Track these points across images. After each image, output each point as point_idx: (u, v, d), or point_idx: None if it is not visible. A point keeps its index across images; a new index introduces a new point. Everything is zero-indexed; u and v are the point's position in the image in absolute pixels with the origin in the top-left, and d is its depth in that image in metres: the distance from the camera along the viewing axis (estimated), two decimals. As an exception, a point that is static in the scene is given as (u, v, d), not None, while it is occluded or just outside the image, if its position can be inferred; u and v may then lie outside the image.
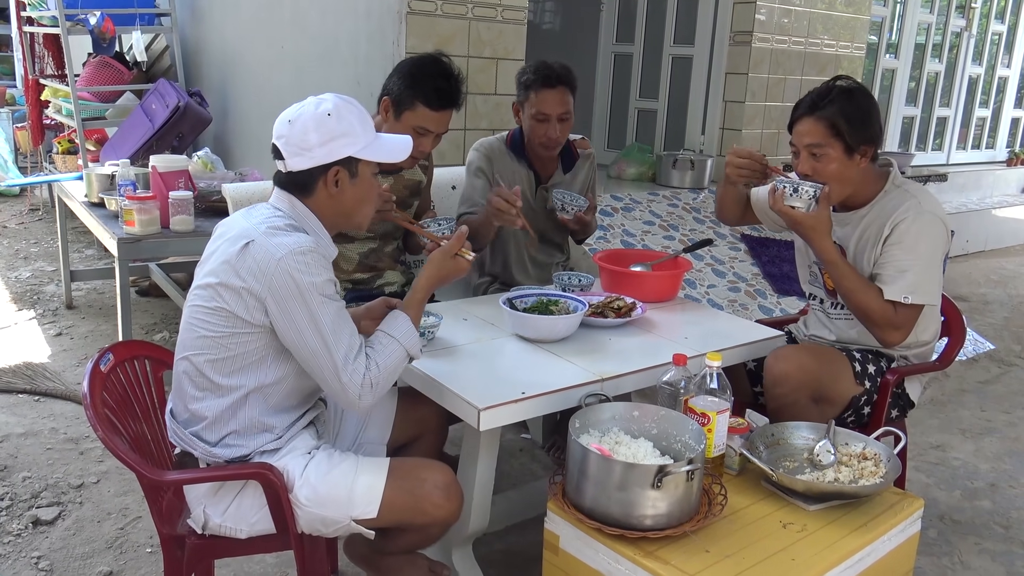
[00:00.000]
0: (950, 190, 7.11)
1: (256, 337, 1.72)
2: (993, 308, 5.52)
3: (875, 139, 2.23)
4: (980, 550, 2.70)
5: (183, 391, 1.80)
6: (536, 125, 2.72)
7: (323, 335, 1.67)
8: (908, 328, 2.27)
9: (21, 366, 3.70)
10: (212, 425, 1.77)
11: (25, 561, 2.41)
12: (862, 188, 2.31)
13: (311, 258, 1.67)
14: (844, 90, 2.21)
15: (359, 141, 1.76)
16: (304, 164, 1.74)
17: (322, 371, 1.70)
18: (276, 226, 1.72)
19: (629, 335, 2.25)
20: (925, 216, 2.23)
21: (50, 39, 6.13)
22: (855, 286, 2.26)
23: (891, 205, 2.28)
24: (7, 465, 2.90)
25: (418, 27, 3.81)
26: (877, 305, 2.23)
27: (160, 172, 3.58)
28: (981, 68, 8.01)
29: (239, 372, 1.74)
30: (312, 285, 1.66)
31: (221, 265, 1.71)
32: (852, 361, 2.34)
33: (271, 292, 1.66)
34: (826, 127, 2.18)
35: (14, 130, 7.46)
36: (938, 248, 2.26)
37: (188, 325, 1.77)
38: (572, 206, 2.75)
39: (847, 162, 2.21)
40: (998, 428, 3.68)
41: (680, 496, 1.61)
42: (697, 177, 5.24)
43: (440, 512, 1.79)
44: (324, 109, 1.73)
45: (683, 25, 5.69)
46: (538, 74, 2.69)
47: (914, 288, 2.21)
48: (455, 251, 1.88)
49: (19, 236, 6.16)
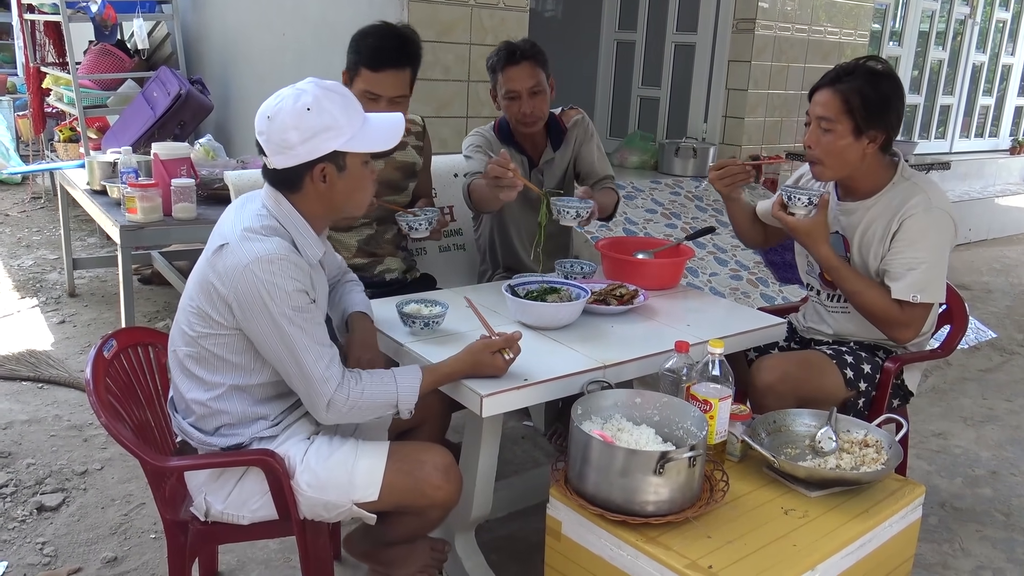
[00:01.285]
0: (953, 178, 7.09)
1: (231, 339, 1.71)
2: (995, 296, 5.51)
3: (888, 127, 2.20)
4: (981, 537, 2.70)
5: (175, 382, 1.82)
6: (509, 104, 2.71)
7: (288, 344, 1.66)
8: (918, 326, 2.25)
9: (24, 353, 3.71)
10: (204, 417, 1.78)
11: (30, 547, 2.42)
12: (870, 176, 2.28)
13: (279, 266, 1.64)
14: (870, 71, 2.18)
15: (343, 133, 1.69)
16: (287, 162, 1.69)
17: (289, 378, 1.71)
18: (253, 228, 1.68)
19: (631, 322, 2.25)
20: (935, 212, 2.20)
21: (51, 27, 6.11)
22: (858, 287, 2.24)
23: (899, 198, 2.25)
24: (11, 452, 2.91)
25: (420, 14, 3.79)
26: (883, 304, 2.21)
27: (162, 160, 3.58)
28: (985, 56, 7.97)
29: (219, 371, 1.74)
30: (277, 294, 1.63)
31: (202, 264, 1.72)
32: (843, 367, 2.28)
33: (236, 297, 1.65)
34: (841, 102, 2.16)
35: (15, 118, 7.44)
36: (946, 244, 2.23)
37: (176, 319, 1.79)
38: (575, 210, 2.50)
39: (853, 143, 2.18)
40: (999, 416, 3.68)
41: (682, 482, 1.62)
42: (699, 165, 5.22)
43: (440, 494, 1.79)
44: (303, 103, 1.66)
45: (686, 12, 5.66)
46: (500, 54, 2.69)
47: (923, 286, 2.18)
48: (499, 348, 1.81)
49: (21, 224, 6.16)
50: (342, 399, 1.70)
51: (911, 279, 2.19)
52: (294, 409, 1.84)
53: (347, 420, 1.76)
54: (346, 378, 1.71)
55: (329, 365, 1.69)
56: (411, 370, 1.79)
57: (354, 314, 2.00)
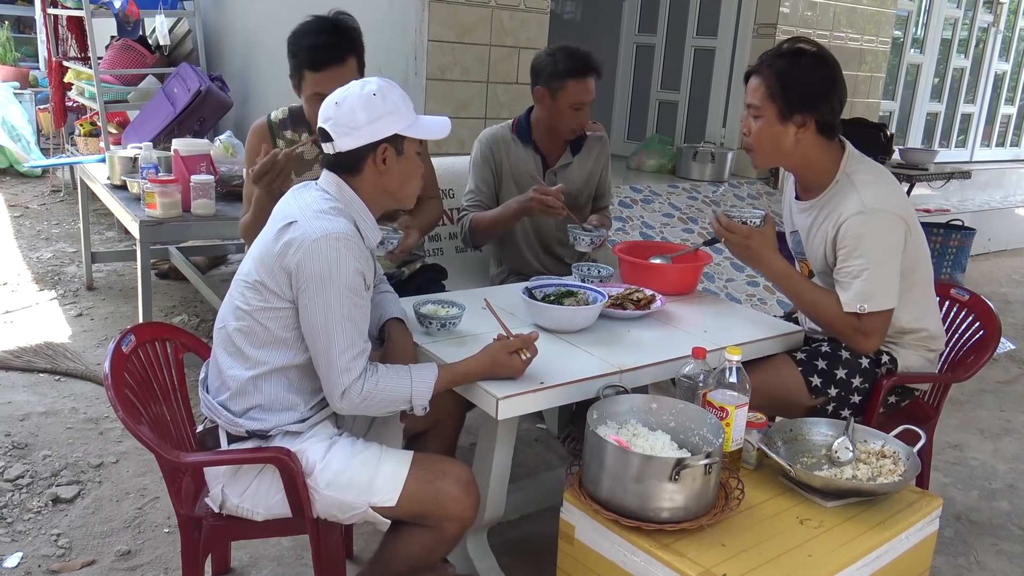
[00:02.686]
0: (973, 188, 7.04)
1: (285, 315, 1.76)
2: (1014, 308, 5.46)
3: (814, 109, 2.10)
4: (997, 551, 2.68)
5: (216, 359, 1.85)
6: (572, 114, 2.76)
7: (329, 322, 1.71)
8: (878, 334, 2.16)
9: (42, 346, 3.74)
10: (237, 395, 1.80)
11: (45, 538, 2.44)
12: (816, 168, 2.20)
13: (345, 245, 1.71)
14: (792, 52, 2.12)
15: (404, 119, 1.80)
16: (353, 143, 1.77)
17: (316, 356, 1.75)
18: (321, 209, 1.76)
19: (648, 327, 2.24)
20: (871, 215, 2.08)
21: (74, 21, 6.16)
22: (810, 298, 2.18)
23: (836, 200, 2.16)
24: (28, 443, 2.93)
25: (441, 15, 3.80)
26: (837, 316, 2.15)
27: (182, 156, 3.59)
28: (1008, 65, 7.91)
29: (266, 347, 1.78)
30: (338, 272, 1.70)
31: (265, 242, 1.78)
32: (811, 373, 2.22)
33: (299, 267, 1.70)
34: (764, 88, 2.12)
35: (37, 112, 7.52)
36: (889, 246, 2.12)
37: (229, 297, 1.84)
38: (589, 238, 2.65)
39: (780, 128, 2.13)
40: (1017, 429, 3.64)
41: (697, 489, 1.61)
42: (717, 170, 5.20)
43: (458, 506, 1.79)
44: (369, 90, 1.77)
45: (706, 17, 5.65)
46: (571, 63, 2.71)
47: (868, 295, 2.10)
48: (516, 348, 1.82)
49: (41, 217, 6.21)
50: (356, 390, 1.73)
51: (856, 289, 2.11)
52: (322, 408, 1.86)
53: (360, 412, 1.79)
54: (364, 372, 1.74)
55: (355, 357, 1.73)
56: (428, 367, 1.81)
57: (391, 321, 2.02)
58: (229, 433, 1.82)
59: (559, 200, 2.60)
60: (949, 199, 6.83)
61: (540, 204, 2.61)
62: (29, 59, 8.83)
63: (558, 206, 2.60)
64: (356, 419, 2.07)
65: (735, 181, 5.30)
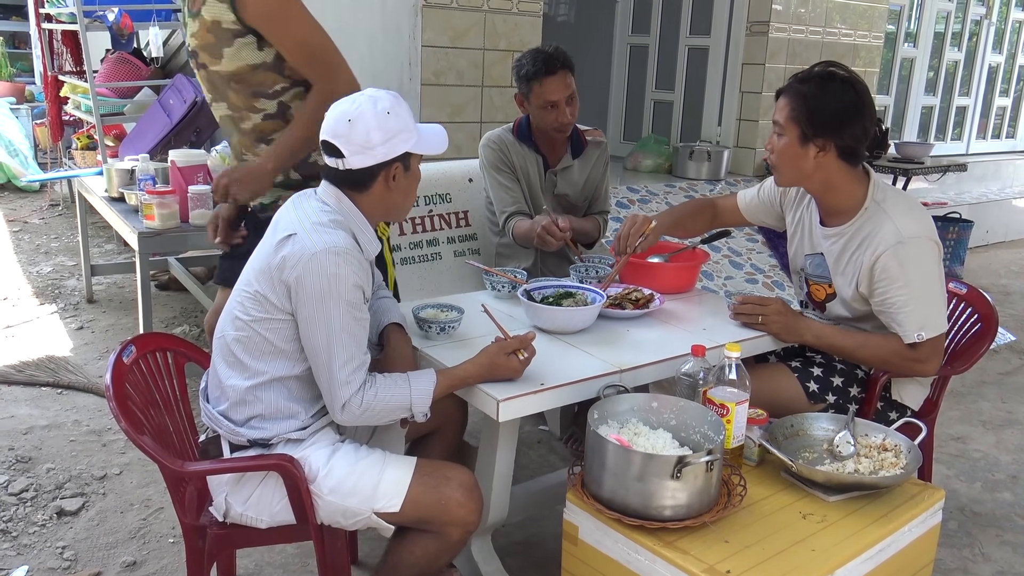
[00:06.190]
0: (970, 180, 7.04)
1: (284, 326, 1.76)
2: (1014, 299, 5.47)
3: (839, 136, 2.09)
4: (1001, 542, 2.68)
5: (215, 369, 1.85)
6: (546, 114, 2.75)
7: (329, 335, 1.71)
8: (936, 358, 2.16)
9: (44, 359, 3.74)
10: (237, 405, 1.81)
11: (50, 551, 2.44)
12: (839, 193, 2.18)
13: (344, 259, 1.71)
14: (822, 76, 2.12)
15: (413, 135, 1.80)
16: (367, 162, 1.77)
17: (317, 368, 1.75)
18: (320, 221, 1.76)
19: (647, 326, 2.25)
20: (909, 244, 2.09)
21: (68, 36, 6.16)
22: (857, 342, 2.19)
23: (869, 229, 2.15)
24: (31, 457, 2.94)
25: (434, 20, 3.81)
26: (888, 351, 2.15)
27: (179, 167, 3.60)
28: (1001, 57, 7.92)
29: (265, 357, 1.78)
30: (338, 287, 1.70)
31: (265, 252, 1.78)
32: (807, 380, 2.24)
33: (298, 280, 1.70)
34: (789, 108, 2.12)
35: (34, 126, 7.53)
36: (931, 270, 2.12)
37: (228, 308, 1.84)
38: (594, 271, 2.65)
39: (799, 150, 2.12)
40: (1019, 420, 3.65)
41: (699, 487, 1.61)
42: (714, 169, 5.22)
43: (462, 511, 1.79)
44: (383, 108, 1.76)
45: (699, 15, 5.66)
46: (537, 63, 2.71)
47: (923, 323, 2.11)
48: (513, 349, 1.83)
49: (40, 231, 6.22)
50: (357, 402, 1.73)
51: (910, 320, 2.11)
52: (323, 415, 1.86)
53: (361, 423, 1.78)
54: (364, 384, 1.74)
55: (355, 370, 1.73)
56: (426, 374, 1.81)
57: (390, 326, 2.02)
58: (231, 442, 1.83)
59: (564, 237, 2.64)
60: (946, 192, 6.84)
61: (546, 235, 2.65)
62: (25, 74, 8.85)
63: (555, 245, 2.66)
64: (358, 426, 2.07)
65: (732, 179, 5.32)
